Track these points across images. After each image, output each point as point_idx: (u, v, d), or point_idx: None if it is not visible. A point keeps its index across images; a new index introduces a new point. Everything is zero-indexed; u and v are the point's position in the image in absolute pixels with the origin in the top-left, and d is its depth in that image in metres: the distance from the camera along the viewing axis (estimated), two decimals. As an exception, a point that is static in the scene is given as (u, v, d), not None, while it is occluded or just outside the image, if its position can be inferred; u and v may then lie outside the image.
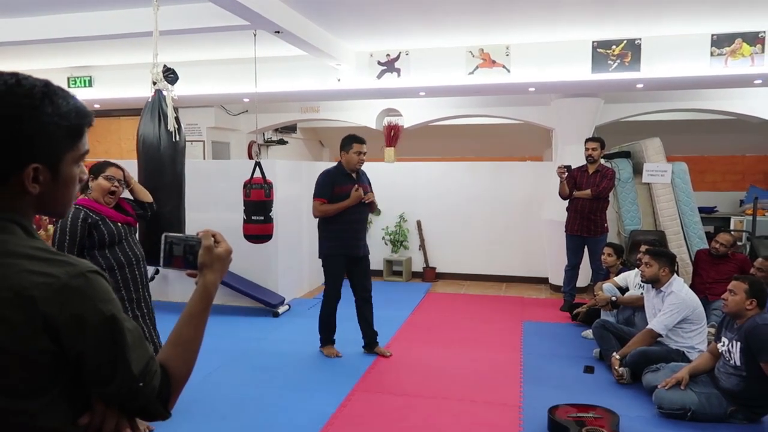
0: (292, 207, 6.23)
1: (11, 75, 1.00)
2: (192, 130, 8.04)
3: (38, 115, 1.00)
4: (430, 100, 7.67)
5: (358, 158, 4.38)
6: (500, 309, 6.05)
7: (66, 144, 1.05)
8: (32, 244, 1.01)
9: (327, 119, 8.71)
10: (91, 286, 1.00)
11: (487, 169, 7.58)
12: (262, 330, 5.27)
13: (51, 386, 1.00)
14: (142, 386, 1.04)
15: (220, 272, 1.21)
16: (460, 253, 7.59)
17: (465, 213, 7.54)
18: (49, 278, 0.97)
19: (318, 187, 4.38)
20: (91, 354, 1.00)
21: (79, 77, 6.80)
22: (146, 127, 2.94)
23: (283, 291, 6.08)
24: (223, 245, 1.23)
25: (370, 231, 7.80)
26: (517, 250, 7.40)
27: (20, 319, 0.95)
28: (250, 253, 5.74)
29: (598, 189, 5.62)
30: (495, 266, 7.49)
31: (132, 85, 6.60)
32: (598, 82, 5.66)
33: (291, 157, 9.87)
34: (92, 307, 0.99)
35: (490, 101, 7.59)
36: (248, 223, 4.27)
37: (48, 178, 1.03)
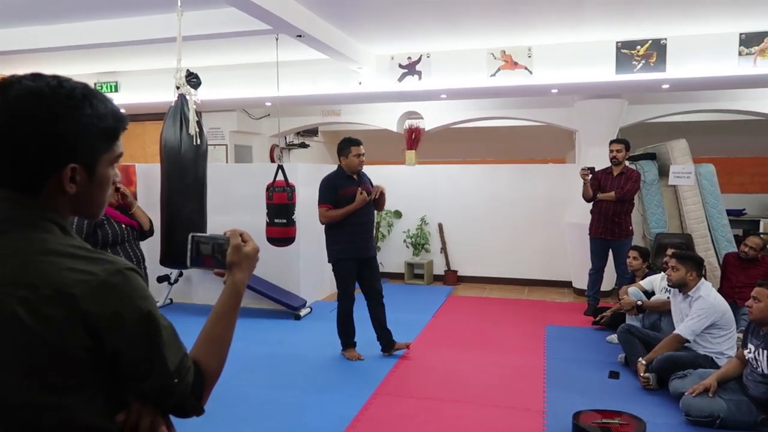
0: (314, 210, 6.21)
1: (53, 77, 1.04)
2: (215, 133, 8.11)
3: (78, 116, 1.03)
4: (451, 102, 7.64)
5: (359, 160, 4.39)
6: (523, 313, 5.99)
7: (102, 145, 1.08)
8: (71, 243, 1.04)
9: (348, 122, 8.73)
10: (129, 283, 1.02)
11: (509, 171, 7.52)
12: (284, 332, 5.28)
13: (90, 382, 1.02)
14: (176, 382, 1.06)
15: (249, 271, 1.23)
16: (482, 256, 7.53)
17: (487, 216, 7.48)
18: (88, 276, 0.99)
19: (322, 193, 4.39)
20: (128, 350, 1.02)
21: (105, 82, 6.92)
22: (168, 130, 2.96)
23: (305, 294, 6.10)
24: (251, 244, 1.24)
25: (391, 234, 7.80)
26: (540, 254, 7.32)
27: (61, 315, 0.97)
28: (272, 256, 5.75)
29: (622, 191, 5.54)
30: (517, 269, 7.42)
31: (156, 90, 6.69)
32: (622, 83, 5.58)
33: (312, 161, 9.91)
34: (130, 303, 1.01)
35: (512, 103, 7.53)
36: (271, 226, 4.29)
37: (84, 179, 1.05)
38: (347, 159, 4.40)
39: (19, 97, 1.00)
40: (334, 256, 4.45)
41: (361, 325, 4.64)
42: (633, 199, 5.68)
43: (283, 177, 4.34)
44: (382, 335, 4.57)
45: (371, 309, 4.55)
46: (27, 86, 1.01)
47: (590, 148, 6.64)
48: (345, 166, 4.43)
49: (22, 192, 1.03)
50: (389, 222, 7.78)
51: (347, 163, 4.40)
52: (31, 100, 1.00)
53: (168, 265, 3.12)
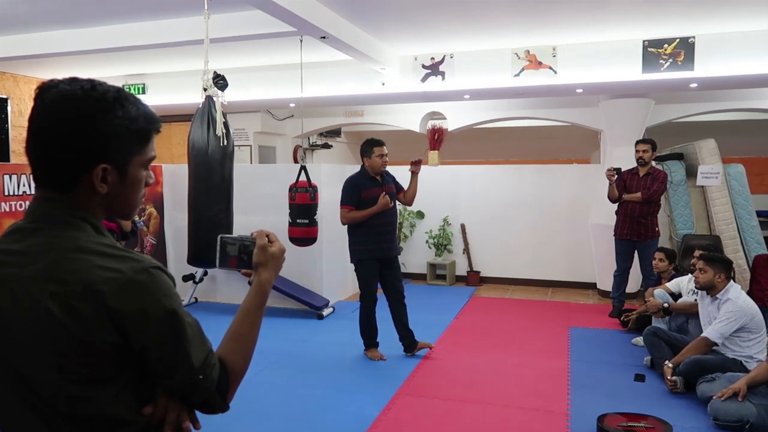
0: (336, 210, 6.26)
1: (87, 81, 1.08)
2: (239, 134, 8.20)
3: (110, 117, 1.06)
4: (475, 102, 7.61)
5: (382, 161, 4.40)
6: (546, 314, 5.95)
7: (134, 147, 1.11)
8: (101, 241, 1.07)
9: (371, 123, 8.75)
10: (155, 280, 1.05)
11: (532, 171, 7.47)
12: (307, 332, 5.32)
13: (118, 377, 1.05)
14: (202, 379, 1.09)
15: (275, 270, 1.26)
16: (505, 257, 7.50)
17: (510, 216, 7.45)
18: (116, 273, 1.02)
19: (344, 194, 4.41)
20: (154, 347, 1.05)
21: (133, 84, 7.04)
22: (196, 132, 3.01)
23: (328, 293, 6.13)
24: (277, 245, 1.27)
25: (414, 235, 7.80)
26: (564, 255, 7.26)
27: (90, 311, 1.00)
28: (295, 256, 5.77)
29: (648, 192, 5.47)
30: (541, 271, 7.37)
31: (183, 92, 6.79)
32: (649, 83, 5.51)
33: (335, 161, 9.95)
34: (155, 301, 1.04)
35: (536, 103, 7.48)
36: (293, 226, 4.32)
37: (116, 179, 1.09)
38: (370, 160, 4.41)
39: (55, 101, 1.05)
40: (357, 257, 4.47)
41: (384, 326, 4.65)
42: (659, 200, 5.60)
43: (306, 178, 4.37)
44: (404, 335, 4.58)
45: (393, 309, 4.56)
46: (63, 90, 1.05)
47: (616, 149, 6.56)
48: (368, 167, 4.44)
49: (57, 191, 1.08)
50: (412, 222, 7.78)
51: (370, 164, 4.42)
52: (67, 103, 1.04)
53: (195, 264, 3.16)
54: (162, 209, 6.41)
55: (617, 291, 5.80)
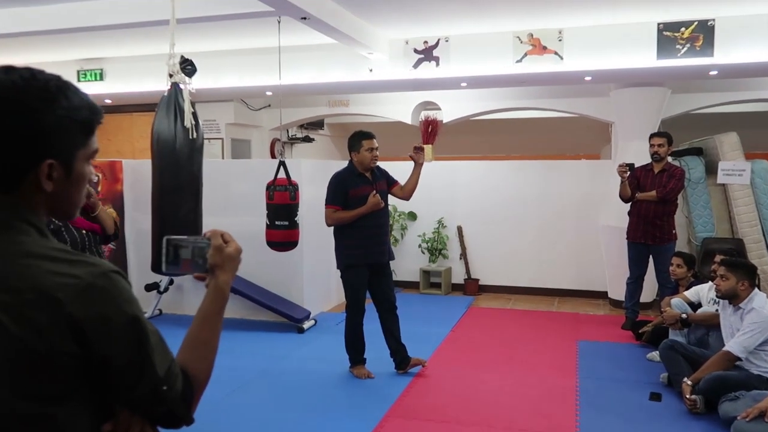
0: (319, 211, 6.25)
1: (26, 69, 1.09)
2: (210, 126, 8.16)
3: (54, 108, 1.08)
4: (473, 91, 7.63)
5: (371, 155, 4.40)
6: (552, 327, 5.97)
7: (79, 140, 1.13)
8: (50, 245, 1.09)
9: (358, 114, 8.74)
10: (115, 286, 1.07)
11: (537, 168, 7.50)
12: (286, 347, 5.30)
13: (75, 392, 1.06)
14: (166, 390, 1.11)
15: (232, 272, 1.29)
16: (507, 263, 7.52)
17: (512, 218, 7.47)
18: (72, 279, 1.04)
19: (330, 193, 4.41)
20: (116, 356, 1.07)
21: (89, 70, 6.99)
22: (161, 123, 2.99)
23: (309, 304, 6.12)
24: (233, 244, 1.29)
25: (405, 238, 7.80)
26: (572, 260, 7.29)
27: (46, 320, 1.01)
28: (272, 262, 5.78)
29: (664, 190, 5.51)
30: (546, 278, 7.40)
31: (146, 79, 6.75)
32: (664, 70, 5.55)
33: (318, 156, 9.94)
34: (117, 307, 1.06)
35: (541, 92, 7.52)
36: (271, 228, 4.31)
37: (61, 176, 1.11)
38: (358, 154, 4.41)
39: None
40: (343, 262, 4.46)
41: (372, 339, 4.64)
42: (676, 199, 5.64)
43: (285, 174, 4.36)
44: (396, 350, 4.58)
45: (384, 321, 4.55)
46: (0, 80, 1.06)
47: (628, 143, 6.61)
48: (356, 162, 4.44)
49: None
50: (403, 225, 7.79)
51: (359, 159, 4.42)
52: (5, 94, 1.05)
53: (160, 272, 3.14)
54: (122, 210, 6.36)
55: (630, 300, 5.83)
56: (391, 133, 8.80)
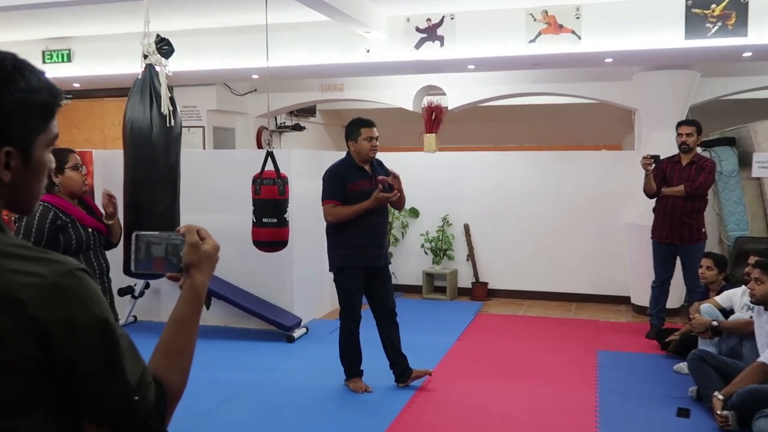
0: (311, 207, 6.25)
1: None
2: (189, 113, 8.15)
3: (11, 90, 1.07)
4: (481, 74, 7.63)
5: (370, 145, 4.41)
6: (569, 335, 5.98)
7: (38, 125, 1.12)
8: (10, 241, 1.09)
9: (353, 99, 8.73)
10: (82, 285, 1.07)
11: (552, 160, 7.50)
12: (274, 358, 5.30)
13: (38, 403, 1.06)
14: (138, 400, 1.11)
15: (209, 271, 1.29)
16: (519, 265, 7.52)
17: (525, 215, 7.48)
18: (35, 278, 1.04)
19: (326, 187, 4.42)
20: (84, 362, 1.06)
21: (55, 51, 6.97)
22: (135, 109, 2.99)
23: (300, 310, 6.12)
24: (210, 241, 1.30)
25: (406, 237, 7.80)
26: (591, 262, 7.30)
27: (7, 324, 1.01)
28: (259, 263, 5.78)
29: (693, 185, 5.51)
30: (562, 282, 7.41)
31: (118, 60, 6.73)
32: (693, 51, 5.54)
33: (309, 147, 9.94)
34: (84, 308, 1.06)
35: (557, 76, 7.51)
36: (258, 226, 4.31)
37: (20, 164, 1.10)
38: (356, 144, 4.42)
39: None
40: (337, 264, 4.47)
41: (371, 349, 4.65)
42: (706, 194, 5.64)
43: (274, 167, 4.36)
44: (396, 361, 4.58)
45: (382, 329, 4.56)
46: None
47: (653, 132, 6.61)
48: (354, 152, 4.45)
49: None
50: (403, 222, 7.79)
51: (356, 149, 4.43)
52: None
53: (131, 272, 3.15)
54: (92, 206, 6.36)
55: (656, 306, 5.84)
56: (390, 120, 8.80)
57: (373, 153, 4.45)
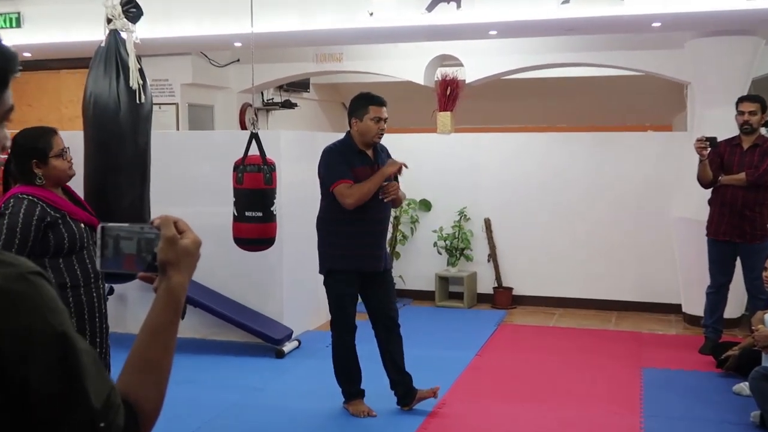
0: (303, 198, 6.26)
1: None
2: (160, 88, 8.15)
3: None
4: (505, 42, 7.61)
5: (377, 128, 4.41)
6: (609, 350, 5.98)
7: None
8: None
9: (354, 71, 8.72)
10: (37, 291, 1.06)
11: (588, 143, 7.49)
12: (261, 376, 5.32)
13: None
14: (104, 426, 1.09)
15: (189, 271, 1.28)
16: (549, 267, 7.52)
17: (556, 208, 7.46)
18: None
19: (333, 168, 4.39)
20: (39, 380, 1.04)
21: (3, 14, 6.97)
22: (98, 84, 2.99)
23: (291, 320, 6.12)
24: (190, 236, 1.28)
25: (416, 234, 7.80)
26: (634, 263, 7.29)
27: None
28: (243, 265, 5.78)
29: (757, 172, 5.49)
30: (601, 287, 7.40)
31: (77, 25, 6.72)
32: (756, 13, 5.52)
33: (302, 127, 9.93)
34: (40, 318, 1.05)
35: (594, 44, 7.49)
36: (240, 221, 4.32)
37: None
38: (361, 123, 4.41)
39: None
40: (327, 265, 4.48)
41: (374, 366, 4.65)
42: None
43: (259, 150, 4.36)
44: (397, 381, 4.59)
45: (382, 342, 4.57)
46: None
47: (709, 110, 6.58)
48: (356, 133, 4.45)
49: None
50: (413, 217, 7.78)
51: (360, 129, 4.42)
52: None
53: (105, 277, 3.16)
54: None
55: (711, 316, 5.83)
56: (397, 97, 8.76)
57: (379, 137, 4.45)
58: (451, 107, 7.78)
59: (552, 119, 10.50)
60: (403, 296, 7.51)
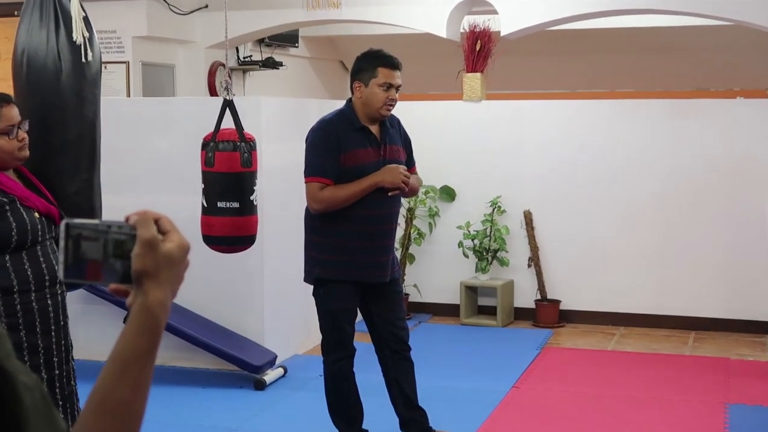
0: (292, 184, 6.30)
1: None
2: (107, 42, 8.18)
3: None
4: (551, -18, 7.64)
5: (386, 97, 4.38)
6: (684, 380, 6.00)
7: None
8: None
9: (355, 21, 8.73)
10: None
11: (659, 113, 7.50)
12: (236, 414, 5.35)
13: None
14: None
15: (173, 285, 1.26)
16: (607, 275, 7.54)
17: (617, 198, 7.48)
18: None
19: (312, 157, 4.42)
20: None
21: None
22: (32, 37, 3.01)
23: (274, 343, 6.15)
24: (175, 238, 1.26)
25: (435, 232, 7.80)
26: (719, 271, 7.30)
27: None
28: (214, 271, 5.81)
29: None
30: (674, 300, 7.41)
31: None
32: None
33: (289, 92, 9.94)
34: None
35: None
36: (211, 214, 4.34)
37: None
38: (366, 90, 4.41)
39: None
40: (315, 273, 4.50)
41: (376, 400, 4.70)
42: None
43: (235, 123, 4.39)
44: (409, 419, 4.60)
45: (389, 370, 4.59)
46: None
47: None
48: (359, 103, 4.45)
49: None
50: (432, 209, 7.78)
51: (365, 97, 4.42)
52: None
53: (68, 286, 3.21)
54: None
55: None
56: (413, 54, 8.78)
57: (387, 110, 4.43)
58: (481, 67, 7.79)
59: (613, 83, 10.48)
60: (418, 311, 7.56)
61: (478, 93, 7.71)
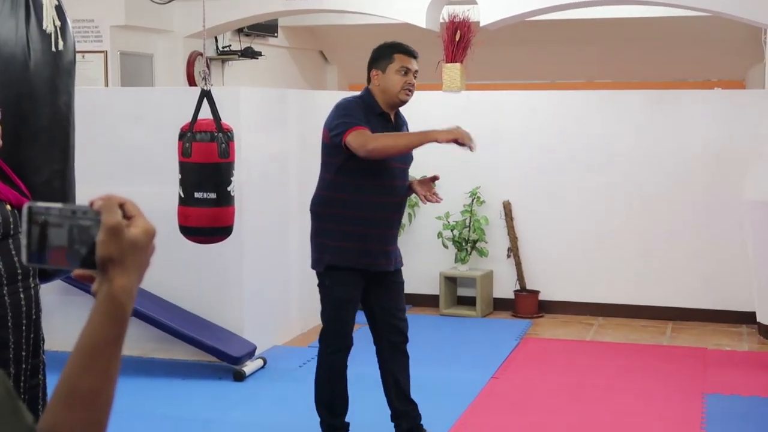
0: (270, 176, 6.26)
1: None
2: (84, 31, 8.13)
3: None
4: (531, -27, 7.62)
5: (404, 82, 4.41)
6: (662, 370, 6.01)
7: None
8: None
9: (336, 11, 8.71)
10: None
11: (638, 103, 7.51)
12: (215, 405, 5.34)
13: None
14: None
15: (138, 271, 1.25)
16: (586, 265, 7.55)
17: (595, 188, 7.48)
18: None
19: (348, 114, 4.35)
20: None
21: None
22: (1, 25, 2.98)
23: (254, 333, 6.13)
24: (140, 223, 1.25)
25: (414, 223, 7.80)
26: (696, 260, 7.32)
27: None
28: (192, 261, 5.78)
29: None
30: (653, 290, 7.43)
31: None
32: None
33: (268, 83, 9.92)
34: None
35: (646, -25, 7.50)
36: (188, 204, 4.32)
37: None
38: (383, 77, 4.42)
39: None
40: (326, 260, 4.46)
41: (360, 392, 4.68)
42: None
43: (213, 113, 4.36)
44: (402, 412, 4.58)
45: (385, 362, 4.57)
46: None
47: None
48: (378, 90, 4.45)
49: None
50: (411, 199, 7.77)
51: (383, 84, 4.42)
52: None
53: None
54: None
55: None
56: (391, 43, 8.80)
57: (406, 95, 4.45)
58: (460, 57, 7.78)
59: (591, 73, 10.51)
60: (398, 302, 7.56)
61: (458, 83, 7.71)
